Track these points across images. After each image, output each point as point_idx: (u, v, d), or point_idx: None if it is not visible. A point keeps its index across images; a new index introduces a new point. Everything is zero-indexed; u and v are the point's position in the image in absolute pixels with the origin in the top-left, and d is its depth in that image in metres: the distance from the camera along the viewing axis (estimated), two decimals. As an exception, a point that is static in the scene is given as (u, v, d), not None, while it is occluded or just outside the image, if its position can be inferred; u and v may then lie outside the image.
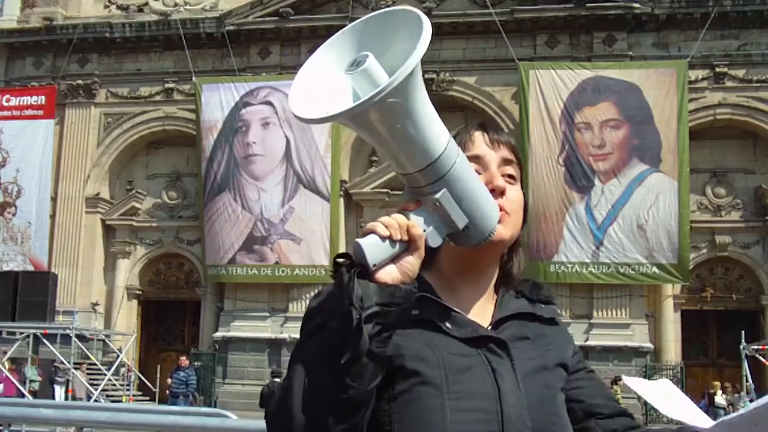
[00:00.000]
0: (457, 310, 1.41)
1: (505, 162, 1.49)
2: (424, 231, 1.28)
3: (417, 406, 1.30)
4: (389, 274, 1.23)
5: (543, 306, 1.55)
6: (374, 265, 1.22)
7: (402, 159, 1.28)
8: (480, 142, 1.50)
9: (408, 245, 1.25)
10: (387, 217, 1.25)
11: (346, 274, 1.20)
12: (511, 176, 1.49)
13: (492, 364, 1.37)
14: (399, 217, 1.26)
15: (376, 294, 1.20)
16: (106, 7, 27.17)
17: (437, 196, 1.29)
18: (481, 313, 1.46)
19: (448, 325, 1.38)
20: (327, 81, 1.29)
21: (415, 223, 1.26)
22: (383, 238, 1.23)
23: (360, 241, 1.22)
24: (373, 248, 1.22)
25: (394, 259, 1.24)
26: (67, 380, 20.35)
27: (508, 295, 1.52)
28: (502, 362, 1.38)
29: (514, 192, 1.48)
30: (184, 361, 20.86)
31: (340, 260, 1.23)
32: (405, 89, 1.18)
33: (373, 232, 1.23)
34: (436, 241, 1.30)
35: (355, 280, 1.19)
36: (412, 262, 1.26)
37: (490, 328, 1.44)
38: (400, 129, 1.23)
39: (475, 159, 1.46)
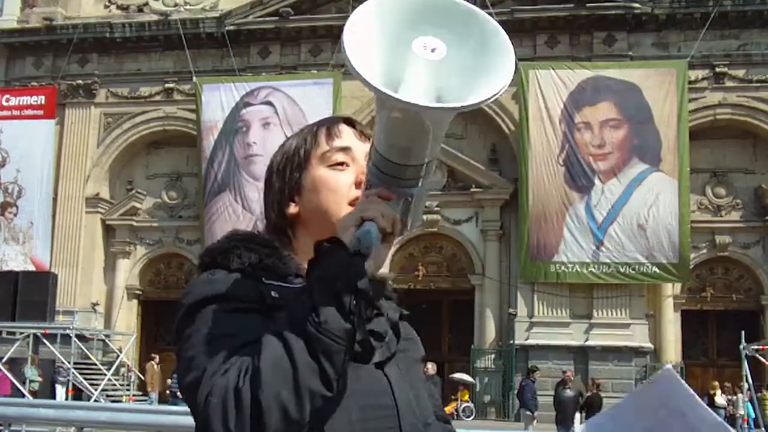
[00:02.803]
0: None
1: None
2: None
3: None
4: (369, 266, 1.19)
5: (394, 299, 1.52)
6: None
7: (405, 149, 1.24)
8: (349, 133, 1.46)
9: (384, 237, 1.21)
10: (381, 206, 1.21)
11: (351, 263, 1.14)
12: None
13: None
14: (390, 209, 1.22)
15: (374, 289, 1.18)
16: (106, 7, 27.17)
17: (414, 192, 1.27)
18: None
19: None
20: (379, 47, 1.20)
21: (398, 215, 1.24)
22: (380, 230, 1.19)
23: (369, 230, 1.18)
24: (376, 239, 1.18)
25: None
26: (68, 380, 20.34)
27: None
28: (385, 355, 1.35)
29: None
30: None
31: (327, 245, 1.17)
32: None
33: (373, 221, 1.19)
34: None
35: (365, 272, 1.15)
36: (385, 255, 1.23)
37: None
38: (431, 127, 1.20)
39: (343, 150, 1.43)
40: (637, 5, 23.17)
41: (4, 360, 19.38)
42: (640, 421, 1.41)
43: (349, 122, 1.48)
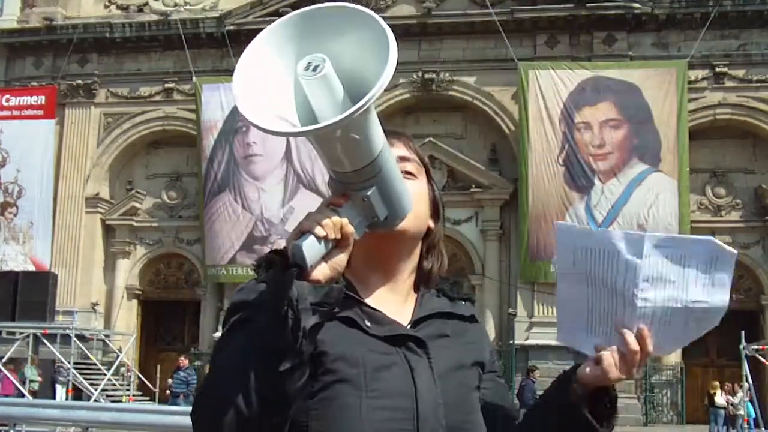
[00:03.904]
0: (375, 307, 1.41)
1: (402, 159, 1.48)
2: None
3: (333, 404, 1.30)
4: (322, 273, 1.24)
5: (463, 303, 1.56)
6: (311, 266, 1.22)
7: (342, 159, 1.28)
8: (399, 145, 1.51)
9: (338, 242, 1.25)
10: (321, 216, 1.25)
11: (283, 275, 1.21)
12: (408, 173, 1.48)
13: (410, 363, 1.37)
14: (332, 216, 1.25)
15: (311, 294, 1.21)
16: (106, 7, 27.16)
17: (368, 193, 1.30)
18: (400, 311, 1.46)
19: (367, 323, 1.38)
20: (275, 82, 1.25)
21: (346, 220, 1.26)
22: (319, 239, 1.22)
23: (299, 243, 1.21)
24: (311, 250, 1.21)
25: (324, 257, 1.24)
26: (68, 380, 20.34)
27: (428, 294, 1.52)
28: (420, 360, 1.39)
29: (414, 187, 1.48)
30: (183, 361, 20.83)
31: (274, 258, 1.26)
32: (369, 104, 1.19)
33: (309, 232, 1.22)
34: (359, 234, 1.30)
35: (293, 282, 1.20)
36: (343, 260, 1.27)
37: (409, 326, 1.44)
38: (352, 136, 1.23)
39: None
40: (637, 5, 23.18)
41: (4, 360, 19.38)
42: (585, 285, 1.39)
43: (395, 135, 1.51)
